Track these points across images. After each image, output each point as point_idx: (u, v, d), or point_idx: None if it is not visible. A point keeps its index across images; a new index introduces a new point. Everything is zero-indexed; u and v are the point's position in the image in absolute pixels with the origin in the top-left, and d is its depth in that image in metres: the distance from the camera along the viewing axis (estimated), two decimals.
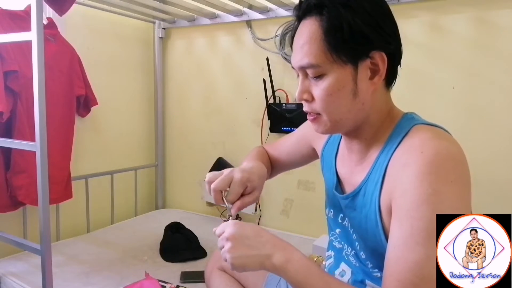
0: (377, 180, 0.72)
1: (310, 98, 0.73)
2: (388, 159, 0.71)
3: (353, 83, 0.70)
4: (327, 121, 0.74)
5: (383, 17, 0.71)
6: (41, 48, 1.16)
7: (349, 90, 0.71)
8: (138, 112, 2.40)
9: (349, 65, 0.69)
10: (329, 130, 0.76)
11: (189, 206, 2.42)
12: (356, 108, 0.72)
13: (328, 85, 0.70)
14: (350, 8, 0.67)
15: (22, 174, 1.62)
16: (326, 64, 0.69)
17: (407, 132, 0.71)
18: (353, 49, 0.69)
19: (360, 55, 0.69)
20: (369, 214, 0.73)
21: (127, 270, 1.56)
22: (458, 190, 0.62)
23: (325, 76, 0.70)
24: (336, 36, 0.67)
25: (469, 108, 1.58)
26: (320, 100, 0.72)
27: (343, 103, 0.71)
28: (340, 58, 0.68)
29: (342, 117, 0.73)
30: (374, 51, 0.70)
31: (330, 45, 0.68)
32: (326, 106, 0.72)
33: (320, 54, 0.69)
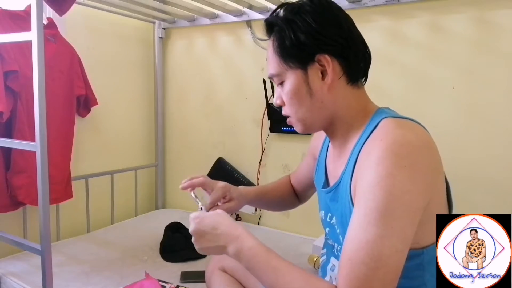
0: (350, 173, 0.77)
1: (283, 103, 0.86)
2: (359, 150, 0.76)
3: (306, 85, 0.80)
4: (296, 121, 0.85)
5: (325, 24, 0.79)
6: (41, 48, 1.16)
7: (304, 91, 0.81)
8: (138, 112, 2.40)
9: (299, 70, 0.80)
10: (303, 128, 0.86)
11: (189, 206, 2.42)
12: (316, 107, 0.82)
13: (287, 90, 0.82)
14: (292, 22, 0.79)
15: (22, 174, 1.62)
16: (282, 72, 0.82)
17: (377, 125, 0.76)
18: (297, 56, 0.79)
19: (305, 60, 0.79)
20: (347, 205, 0.77)
21: (127, 270, 1.56)
22: (410, 174, 0.65)
23: (284, 83, 0.83)
24: (282, 48, 0.80)
25: (469, 108, 1.58)
26: (286, 103, 0.84)
27: (303, 103, 0.82)
28: (290, 66, 0.80)
29: (306, 116, 0.83)
30: (319, 55, 0.78)
31: (280, 57, 0.81)
32: (291, 108, 0.84)
33: (277, 65, 0.82)
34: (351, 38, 0.80)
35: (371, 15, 1.75)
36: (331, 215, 0.88)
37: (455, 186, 1.62)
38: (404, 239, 0.63)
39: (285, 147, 2.04)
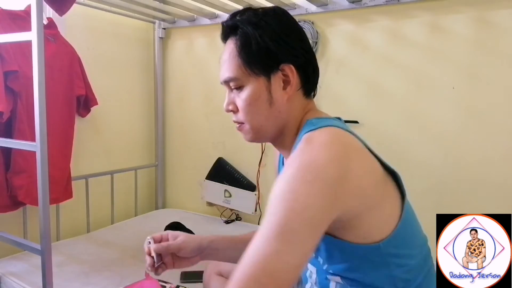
0: None
1: (235, 108, 0.83)
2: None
3: (268, 93, 0.79)
4: (249, 129, 0.83)
5: (290, 34, 0.79)
6: (41, 48, 1.16)
7: (265, 99, 0.79)
8: (138, 112, 2.40)
9: (262, 77, 0.78)
10: (253, 137, 0.84)
11: (189, 206, 2.42)
12: (273, 116, 0.81)
13: (246, 96, 0.79)
14: (259, 27, 0.77)
15: (22, 174, 1.62)
16: (243, 77, 0.79)
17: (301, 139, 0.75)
18: (262, 63, 0.78)
19: (270, 68, 0.78)
20: None
21: (127, 270, 1.56)
22: (313, 189, 0.64)
23: (243, 88, 0.80)
24: (247, 52, 0.78)
25: (469, 108, 1.58)
26: (242, 109, 0.81)
27: (261, 111, 0.80)
28: (253, 71, 0.78)
29: (262, 124, 0.82)
30: (283, 64, 0.78)
31: (243, 60, 0.78)
32: (247, 115, 0.81)
33: (237, 68, 0.79)
34: (311, 52, 0.82)
35: (371, 15, 1.75)
36: None
37: (455, 185, 1.63)
38: (302, 255, 0.63)
39: None
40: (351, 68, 1.83)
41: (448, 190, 1.64)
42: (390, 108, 1.74)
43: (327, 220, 0.66)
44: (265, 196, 2.12)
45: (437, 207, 1.65)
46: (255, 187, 2.14)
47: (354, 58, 1.82)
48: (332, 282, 0.78)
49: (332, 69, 1.87)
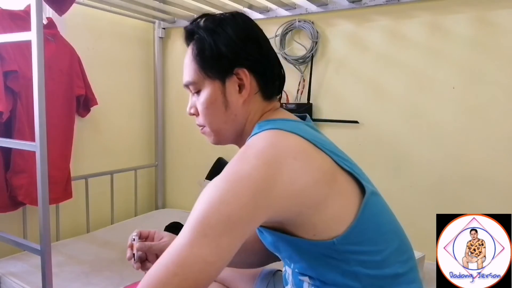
0: None
1: (196, 112, 0.86)
2: None
3: (223, 96, 0.81)
4: (210, 132, 0.86)
5: (246, 40, 0.81)
6: (41, 48, 1.15)
7: (220, 102, 0.81)
8: (138, 112, 2.40)
9: (217, 81, 0.80)
10: (215, 139, 0.87)
11: (189, 206, 2.41)
12: (230, 119, 0.83)
13: (203, 99, 0.82)
14: (214, 32, 0.80)
15: (22, 174, 1.62)
16: (200, 81, 0.82)
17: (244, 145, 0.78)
18: (216, 67, 0.80)
19: (224, 72, 0.80)
20: None
21: (127, 270, 1.56)
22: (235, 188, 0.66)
23: (201, 92, 0.83)
24: (202, 56, 0.81)
25: (469, 108, 1.58)
26: (201, 112, 0.84)
27: (218, 114, 0.82)
28: (208, 75, 0.80)
29: (221, 127, 0.84)
30: (237, 68, 0.79)
31: (199, 65, 0.81)
32: (206, 118, 0.84)
33: (194, 73, 0.82)
34: (268, 56, 0.83)
35: (371, 15, 1.75)
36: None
37: (455, 186, 1.63)
38: (217, 251, 0.63)
39: None
40: (351, 68, 1.83)
41: (448, 190, 1.64)
42: (390, 108, 1.74)
43: (250, 221, 0.66)
44: None
45: (437, 207, 1.65)
46: None
47: (354, 58, 1.81)
48: (305, 283, 0.79)
49: (332, 69, 1.87)
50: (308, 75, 1.89)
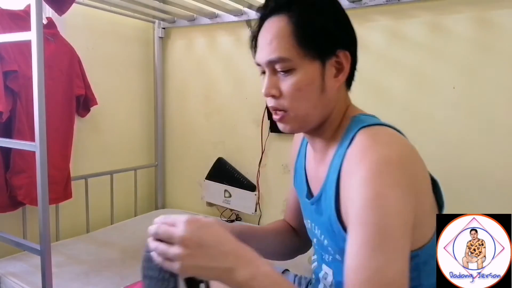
0: (332, 185, 0.74)
1: (278, 93, 0.74)
2: (340, 162, 0.73)
3: (321, 79, 0.73)
4: (293, 118, 0.75)
5: (346, 18, 0.75)
6: (41, 48, 1.15)
7: (317, 86, 0.73)
8: (138, 112, 2.40)
9: (317, 61, 0.72)
10: (295, 127, 0.77)
11: (189, 206, 2.42)
12: (322, 104, 0.75)
13: (297, 80, 0.72)
14: (318, 7, 0.73)
15: (21, 174, 1.62)
16: (296, 59, 0.71)
17: (354, 135, 0.73)
18: (321, 45, 0.72)
19: (327, 52, 0.72)
20: (331, 217, 0.74)
21: (127, 270, 1.56)
22: (399, 192, 0.63)
23: (294, 71, 0.72)
24: (305, 31, 0.70)
25: (470, 108, 1.58)
26: (289, 95, 0.73)
27: (311, 98, 0.74)
28: (307, 54, 0.71)
29: (309, 112, 0.75)
30: (340, 50, 0.73)
31: (299, 40, 0.70)
32: (294, 101, 0.73)
33: (290, 48, 0.71)
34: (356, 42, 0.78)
35: (371, 15, 1.75)
36: (314, 225, 0.85)
37: (455, 186, 1.62)
38: (406, 259, 0.61)
39: (285, 147, 2.04)
40: None
41: (448, 190, 1.63)
42: (390, 108, 1.74)
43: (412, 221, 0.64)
44: (265, 196, 2.12)
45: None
46: (255, 187, 2.14)
47: None
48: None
49: None
50: None
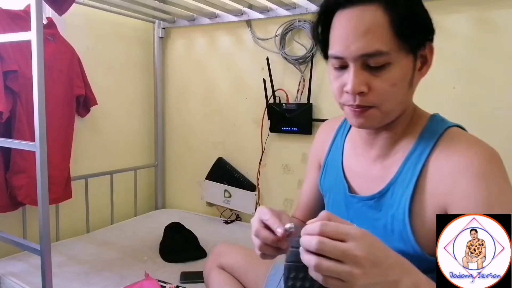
0: (408, 181, 0.71)
1: (367, 90, 0.68)
2: (423, 160, 0.71)
3: (412, 73, 0.70)
4: (379, 114, 0.70)
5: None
6: (41, 48, 1.16)
7: (408, 80, 0.70)
8: (138, 112, 2.40)
9: (411, 54, 0.68)
10: (375, 123, 0.72)
11: (189, 206, 2.42)
12: (406, 99, 0.72)
13: (394, 75, 0.67)
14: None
15: (21, 174, 1.62)
16: (393, 52, 0.66)
17: (442, 134, 0.72)
18: (418, 38, 0.68)
19: (419, 45, 0.69)
20: (396, 215, 0.72)
21: (127, 270, 1.56)
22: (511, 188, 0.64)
23: (389, 66, 0.67)
24: (403, 22, 0.65)
25: (470, 108, 1.58)
26: (382, 91, 0.68)
27: (401, 93, 0.70)
28: (405, 46, 0.67)
29: (394, 108, 0.71)
30: (430, 42, 0.71)
31: (397, 32, 0.65)
32: (386, 97, 0.69)
33: (388, 41, 0.65)
34: None
35: None
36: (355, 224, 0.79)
37: None
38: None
39: (285, 147, 2.04)
40: None
41: None
42: None
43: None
44: (265, 196, 2.12)
45: None
46: (255, 187, 2.14)
47: None
48: None
49: None
50: (308, 75, 1.89)
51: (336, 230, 0.52)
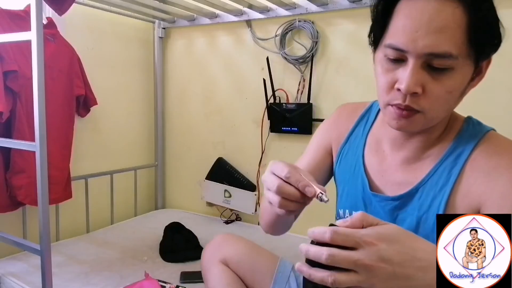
0: (444, 183, 0.69)
1: (421, 91, 0.62)
2: (462, 162, 0.69)
3: (468, 83, 0.66)
4: (424, 119, 0.65)
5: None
6: (41, 48, 1.15)
7: (462, 89, 0.66)
8: (138, 112, 2.40)
9: (473, 63, 0.64)
10: (418, 128, 0.68)
11: (189, 206, 2.42)
12: (453, 108, 0.69)
13: (453, 82, 0.63)
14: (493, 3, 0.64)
15: (21, 174, 1.62)
16: (462, 58, 0.61)
17: (482, 137, 0.71)
18: (488, 48, 0.64)
19: (486, 55, 0.66)
20: (424, 217, 0.70)
21: (127, 270, 1.56)
22: None
23: (452, 71, 0.62)
24: (483, 30, 0.61)
25: (470, 108, 1.57)
26: (436, 96, 0.63)
27: (452, 102, 0.66)
28: (473, 54, 0.62)
29: (440, 115, 0.68)
30: (492, 53, 0.67)
31: (471, 37, 0.60)
32: (439, 104, 0.64)
33: (461, 45, 0.60)
34: None
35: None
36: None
37: None
38: None
39: (285, 147, 2.04)
40: (351, 68, 1.82)
41: None
42: None
43: None
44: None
45: None
46: (255, 187, 2.14)
47: (354, 58, 1.81)
48: None
49: (332, 69, 1.87)
50: (308, 75, 1.89)
51: (346, 238, 0.48)
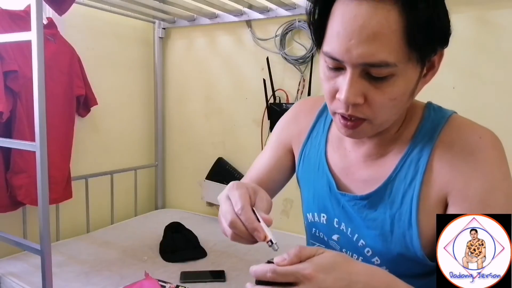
0: (412, 176, 0.66)
1: (363, 101, 0.59)
2: (428, 153, 0.66)
3: (416, 84, 0.61)
4: (371, 127, 0.63)
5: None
6: (41, 48, 1.16)
7: (410, 92, 0.61)
8: (138, 112, 2.40)
9: (419, 65, 0.59)
10: (368, 133, 0.65)
11: (189, 206, 2.42)
12: (403, 109, 0.65)
13: (396, 89, 0.58)
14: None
15: (21, 174, 1.62)
16: (402, 64, 0.56)
17: (444, 124, 0.68)
18: (430, 48, 0.59)
19: (431, 54, 0.60)
20: (398, 215, 0.67)
21: (127, 270, 1.56)
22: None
23: (393, 77, 0.57)
24: (422, 32, 0.56)
25: (470, 108, 1.57)
26: (380, 104, 0.59)
27: (399, 107, 0.62)
28: (413, 57, 0.57)
29: (389, 119, 0.64)
30: (441, 49, 0.62)
31: (410, 40, 0.55)
32: (383, 111, 0.60)
33: (398, 50, 0.55)
34: None
35: None
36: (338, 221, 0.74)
37: None
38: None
39: None
40: None
41: None
42: None
43: None
44: None
45: None
46: None
47: None
48: None
49: None
50: (308, 75, 1.89)
51: (286, 276, 0.49)
